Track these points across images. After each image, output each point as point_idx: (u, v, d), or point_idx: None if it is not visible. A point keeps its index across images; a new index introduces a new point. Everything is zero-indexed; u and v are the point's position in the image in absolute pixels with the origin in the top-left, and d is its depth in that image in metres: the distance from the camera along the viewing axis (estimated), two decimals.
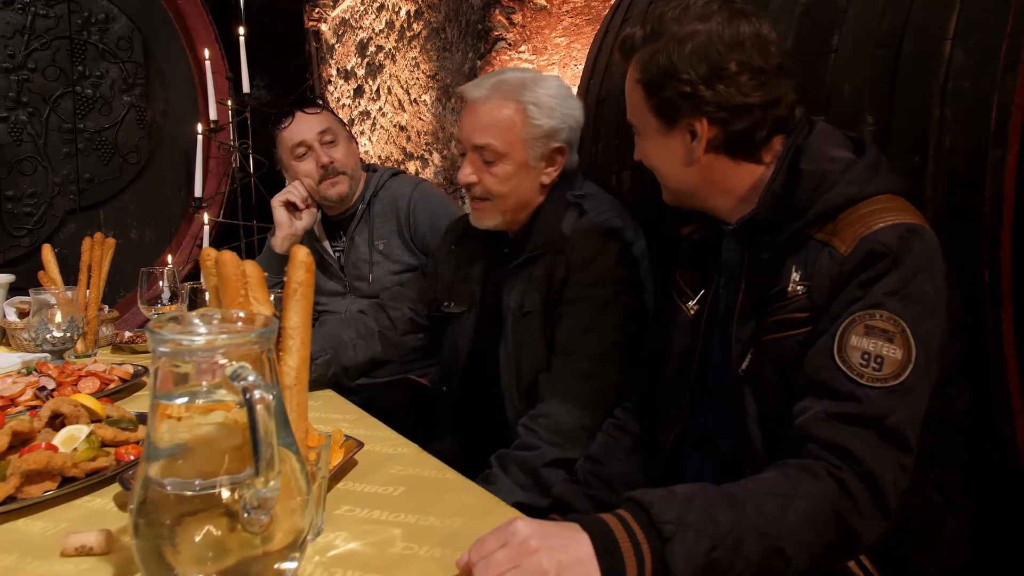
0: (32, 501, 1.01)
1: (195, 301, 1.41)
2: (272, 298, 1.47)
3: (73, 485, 1.06)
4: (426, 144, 3.11)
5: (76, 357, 1.97)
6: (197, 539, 0.71)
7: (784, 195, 1.10)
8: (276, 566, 0.74)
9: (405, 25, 3.18)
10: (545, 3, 2.67)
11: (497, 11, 2.64)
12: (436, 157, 3.04)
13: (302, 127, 2.17)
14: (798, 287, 1.04)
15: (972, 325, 1.22)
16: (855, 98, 1.49)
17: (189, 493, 0.71)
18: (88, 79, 3.18)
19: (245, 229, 3.22)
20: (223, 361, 0.73)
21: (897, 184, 1.07)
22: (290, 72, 3.99)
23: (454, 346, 1.75)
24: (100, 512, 1.03)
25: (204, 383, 0.76)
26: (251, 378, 0.70)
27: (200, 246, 3.13)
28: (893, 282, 0.96)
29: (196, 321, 0.79)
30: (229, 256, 0.84)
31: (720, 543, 0.82)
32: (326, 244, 2.32)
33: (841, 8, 1.54)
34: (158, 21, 3.27)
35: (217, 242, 3.13)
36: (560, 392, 1.48)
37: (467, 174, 1.59)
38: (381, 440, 1.32)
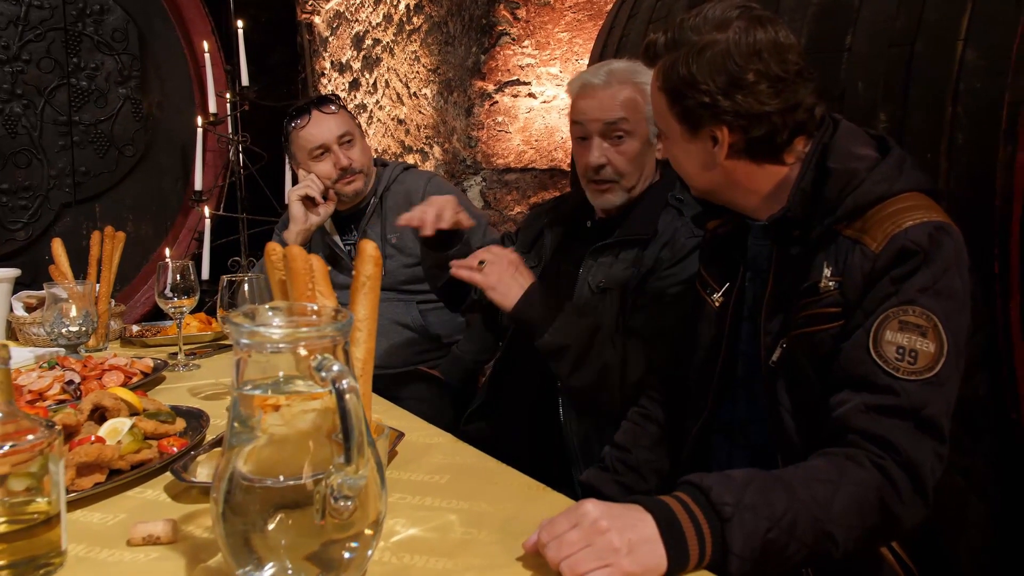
0: (92, 492, 1.02)
1: (233, 295, 1.43)
2: None
3: (124, 476, 1.07)
4: (426, 137, 3.13)
5: (86, 351, 1.97)
6: (285, 527, 0.73)
7: (813, 193, 1.13)
8: (358, 550, 0.77)
9: (404, 19, 3.18)
10: None
11: (502, 6, 2.66)
12: (437, 150, 3.06)
13: (321, 129, 2.17)
14: (830, 283, 1.07)
15: (984, 315, 1.27)
16: (869, 95, 1.53)
17: (278, 483, 0.73)
18: (83, 71, 3.15)
19: (242, 222, 3.22)
20: (304, 353, 0.75)
21: (922, 181, 1.11)
22: (276, 64, 3.97)
23: None
24: (154, 503, 1.04)
25: (280, 374, 0.78)
26: (336, 368, 0.73)
27: (199, 240, 3.12)
28: (925, 279, 1.00)
29: (270, 314, 0.81)
30: (298, 251, 0.86)
31: (776, 524, 0.86)
32: (336, 238, 2.34)
33: (855, 8, 1.58)
34: (153, 12, 3.24)
35: (213, 235, 3.12)
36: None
37: (596, 157, 1.64)
38: (414, 430, 1.35)
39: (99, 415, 1.25)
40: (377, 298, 0.89)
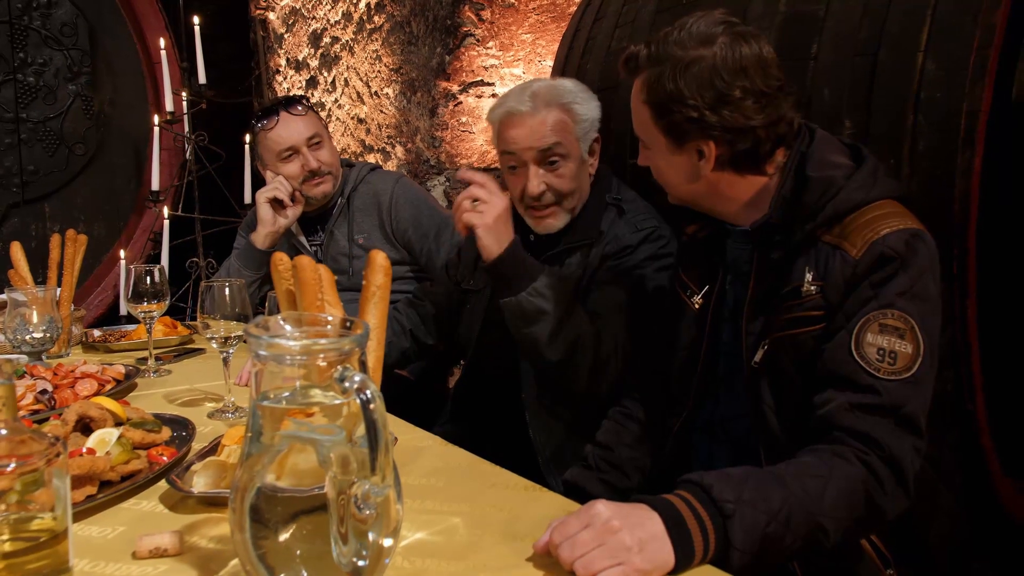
0: (87, 505, 1.01)
1: (210, 302, 1.41)
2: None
3: (118, 488, 1.06)
4: (388, 137, 3.12)
5: (48, 358, 1.92)
6: (311, 535, 0.74)
7: (793, 199, 1.18)
8: (378, 558, 0.78)
9: (365, 17, 3.16)
10: (513, 0, 2.71)
11: (467, 7, 2.67)
12: (399, 150, 3.05)
13: (290, 131, 2.15)
14: (812, 287, 1.12)
15: (946, 314, 1.34)
16: (835, 103, 1.59)
17: (303, 492, 0.74)
18: (31, 66, 3.04)
19: (197, 223, 3.16)
20: (323, 364, 0.76)
21: (895, 189, 1.16)
22: (226, 60, 3.89)
23: (469, 323, 1.84)
24: (151, 514, 1.03)
25: (298, 384, 0.79)
26: (359, 378, 0.74)
27: (155, 240, 3.05)
28: (902, 283, 1.05)
29: (285, 325, 0.82)
30: (307, 261, 0.86)
31: (773, 519, 0.90)
32: (302, 239, 2.32)
33: (820, 18, 1.65)
34: (104, 7, 3.14)
35: (169, 236, 3.05)
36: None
37: (536, 185, 1.63)
38: (402, 433, 1.36)
39: (82, 426, 1.23)
40: (387, 307, 0.90)
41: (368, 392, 0.73)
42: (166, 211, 2.84)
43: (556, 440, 1.67)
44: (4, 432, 0.82)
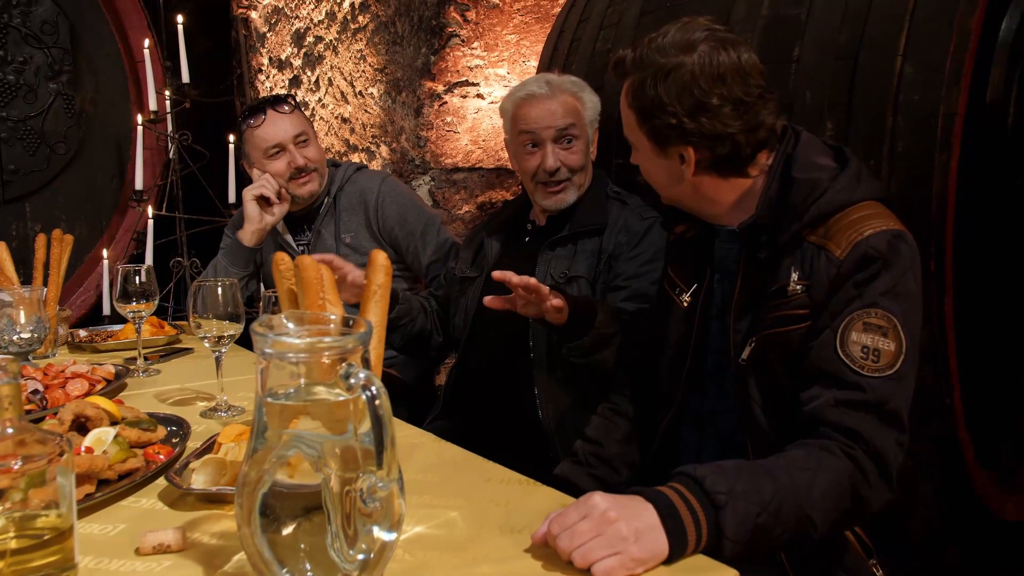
0: (88, 503, 1.02)
1: (202, 302, 1.42)
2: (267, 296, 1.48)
3: (118, 486, 1.07)
4: (372, 137, 3.13)
5: (34, 359, 1.91)
6: (315, 529, 0.76)
7: (779, 201, 1.21)
8: (383, 551, 0.80)
9: (349, 17, 3.17)
10: (497, 1, 2.73)
11: (452, 8, 2.68)
12: (384, 150, 3.06)
13: (277, 128, 2.17)
14: (797, 286, 1.15)
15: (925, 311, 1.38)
16: (816, 105, 1.63)
17: (308, 487, 0.76)
18: (10, 64, 3.01)
19: (179, 222, 3.14)
20: (327, 361, 0.78)
21: (877, 190, 1.20)
22: (206, 59, 3.87)
23: (465, 310, 1.92)
24: (151, 511, 1.04)
25: (302, 381, 0.80)
26: (363, 375, 0.76)
27: (138, 240, 3.03)
28: (885, 283, 1.09)
29: (290, 324, 0.83)
30: (309, 261, 0.88)
31: (764, 509, 0.93)
32: (288, 238, 2.33)
33: (801, 21, 1.68)
34: (85, 5, 3.11)
35: (153, 236, 3.03)
36: None
37: (553, 161, 1.79)
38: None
39: (77, 425, 1.23)
40: (387, 305, 0.92)
41: (374, 388, 0.75)
42: (150, 210, 2.82)
43: (562, 409, 1.73)
44: (10, 431, 0.83)
